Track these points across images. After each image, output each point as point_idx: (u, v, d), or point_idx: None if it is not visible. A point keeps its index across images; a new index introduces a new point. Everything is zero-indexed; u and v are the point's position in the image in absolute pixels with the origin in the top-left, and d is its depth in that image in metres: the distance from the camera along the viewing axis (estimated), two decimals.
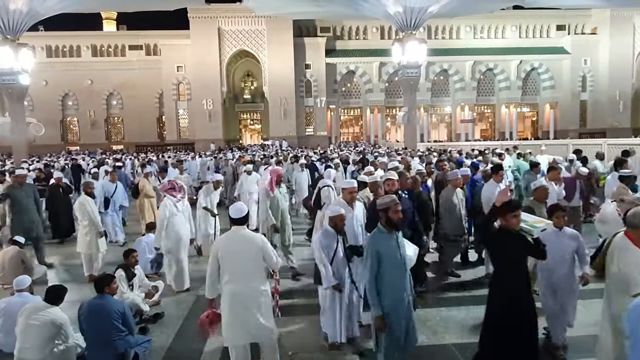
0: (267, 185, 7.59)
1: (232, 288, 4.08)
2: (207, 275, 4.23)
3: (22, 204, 8.41)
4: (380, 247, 3.97)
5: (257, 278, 4.16)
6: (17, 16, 27.14)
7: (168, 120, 49.78)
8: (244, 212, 4.26)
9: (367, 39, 51.17)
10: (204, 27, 45.99)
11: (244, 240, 4.16)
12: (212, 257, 4.16)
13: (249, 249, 4.13)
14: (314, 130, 50.24)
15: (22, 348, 4.53)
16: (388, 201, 4.08)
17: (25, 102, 33.19)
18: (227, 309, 4.12)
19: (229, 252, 4.11)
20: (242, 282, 4.08)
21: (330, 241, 4.83)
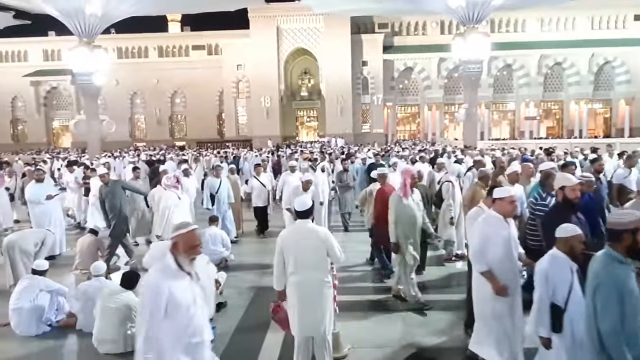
0: (400, 190, 6.03)
1: (297, 280, 4.13)
2: (274, 268, 4.31)
3: (111, 202, 8.17)
4: (624, 284, 3.00)
5: (320, 270, 4.18)
6: (92, 20, 28.97)
7: (227, 117, 51.36)
8: (308, 205, 4.29)
9: (426, 35, 50.06)
10: (264, 26, 46.94)
11: (308, 233, 4.19)
12: (277, 250, 4.23)
13: (312, 241, 4.15)
14: (370, 127, 49.91)
15: (100, 328, 4.87)
16: (635, 219, 3.03)
17: (99, 101, 35.42)
18: (293, 300, 4.18)
19: (292, 245, 4.16)
20: (306, 273, 4.12)
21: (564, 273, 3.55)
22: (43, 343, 5.24)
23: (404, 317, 5.81)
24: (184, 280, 2.99)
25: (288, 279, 4.21)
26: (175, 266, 2.97)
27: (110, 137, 41.17)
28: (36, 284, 5.52)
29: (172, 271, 2.96)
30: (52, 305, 5.55)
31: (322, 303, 4.16)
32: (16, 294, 5.46)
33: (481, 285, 4.20)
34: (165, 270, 2.95)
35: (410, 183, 6.01)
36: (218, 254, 8.12)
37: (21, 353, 5.03)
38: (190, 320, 2.98)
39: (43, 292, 5.51)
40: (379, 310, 6.10)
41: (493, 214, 4.21)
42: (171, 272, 2.95)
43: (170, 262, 2.97)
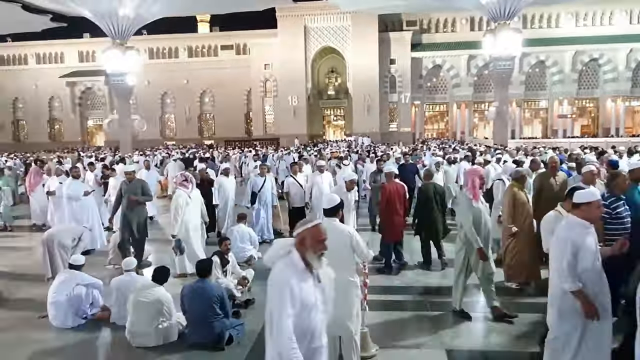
0: (468, 192, 5.54)
1: None
2: None
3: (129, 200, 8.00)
4: None
5: (347, 269, 4.15)
6: (125, 22, 29.70)
7: (255, 116, 51.87)
8: (336, 202, 4.27)
9: (456, 32, 49.30)
10: (291, 25, 47.17)
11: (333, 231, 4.15)
12: None
13: (337, 240, 4.12)
14: (398, 126, 49.53)
15: (133, 322, 5.00)
16: None
17: (131, 101, 36.31)
18: None
19: None
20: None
21: None
22: (78, 335, 5.40)
23: (434, 319, 5.73)
24: (309, 280, 2.76)
25: None
26: (302, 264, 2.76)
27: (142, 136, 42.23)
28: (73, 278, 5.70)
29: (299, 270, 2.74)
30: (87, 298, 5.71)
31: (347, 302, 4.12)
32: (54, 288, 5.65)
33: (566, 305, 3.69)
34: (292, 269, 2.74)
35: (480, 184, 5.52)
36: (246, 252, 8.22)
37: (57, 344, 5.20)
38: (311, 322, 2.75)
39: (79, 286, 5.68)
40: (408, 310, 6.04)
41: (577, 220, 3.68)
42: (298, 270, 2.74)
43: (297, 259, 2.77)
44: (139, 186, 8.12)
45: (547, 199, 6.76)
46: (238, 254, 7.75)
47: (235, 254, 7.36)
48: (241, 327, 5.23)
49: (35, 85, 55.15)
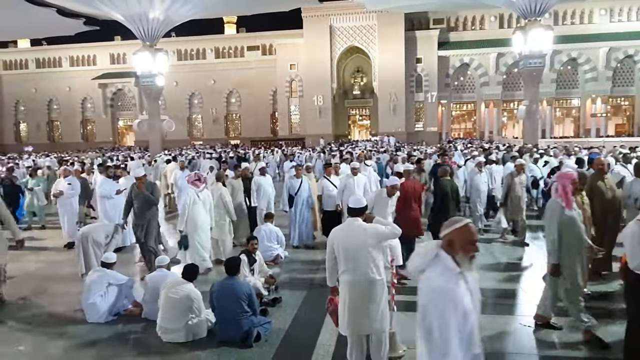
0: (560, 199, 5.01)
1: (348, 278, 4.10)
2: (326, 264, 4.32)
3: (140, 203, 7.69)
4: None
5: (371, 268, 4.13)
6: (154, 24, 30.36)
7: (281, 116, 52.18)
8: (363, 203, 4.26)
9: (484, 29, 48.42)
10: (317, 25, 47.26)
11: (359, 231, 4.15)
12: (328, 248, 4.23)
13: (362, 239, 4.11)
14: (424, 125, 49.01)
15: (163, 317, 5.11)
16: None
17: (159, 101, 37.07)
18: (344, 298, 4.16)
19: (344, 242, 4.13)
20: (357, 272, 4.08)
21: None
22: (111, 329, 5.55)
23: None
24: (462, 283, 2.54)
25: (339, 277, 4.20)
26: (457, 268, 2.53)
27: (170, 136, 43.10)
28: (105, 277, 5.86)
29: (454, 274, 2.51)
30: (120, 296, 5.88)
31: (374, 302, 4.10)
32: (87, 287, 5.81)
33: None
34: (448, 274, 2.51)
35: (573, 189, 5.01)
36: (273, 251, 8.28)
37: (91, 338, 5.35)
38: (470, 328, 2.52)
39: (112, 285, 5.85)
40: None
41: None
42: (454, 275, 2.51)
43: (450, 264, 2.53)
44: (149, 193, 7.65)
45: (600, 203, 6.60)
46: (265, 253, 7.81)
47: (262, 253, 7.44)
48: (269, 325, 5.28)
49: (68, 87, 56.93)
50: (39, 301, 6.64)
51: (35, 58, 58.49)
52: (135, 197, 7.60)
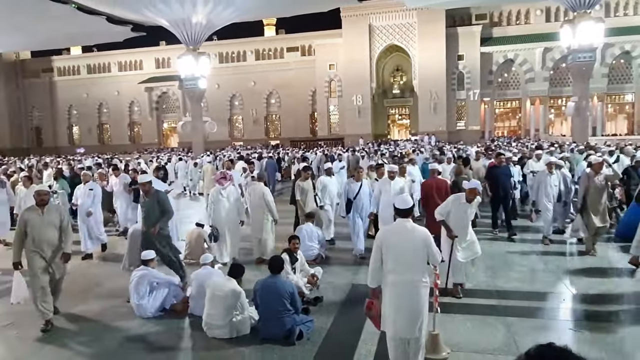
0: None
1: (394, 279, 4.07)
2: (370, 264, 4.31)
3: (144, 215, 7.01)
4: None
5: (419, 270, 4.09)
6: (197, 28, 31.24)
7: (320, 116, 52.37)
8: (410, 203, 4.23)
9: (530, 23, 46.80)
10: (356, 24, 47.13)
11: (408, 232, 4.12)
12: (375, 247, 4.21)
13: (412, 241, 4.08)
14: (466, 124, 47.93)
15: (209, 314, 5.26)
16: None
17: (202, 104, 38.06)
18: (388, 300, 4.13)
19: (392, 243, 4.11)
20: (403, 273, 4.05)
21: None
22: (159, 324, 5.75)
23: (508, 322, 5.49)
24: None
25: (384, 278, 4.16)
26: None
27: (212, 137, 44.13)
28: (146, 277, 6.09)
29: None
30: (169, 294, 6.11)
31: (417, 304, 4.06)
32: (134, 285, 6.05)
33: None
34: None
35: None
36: (313, 250, 8.32)
37: (141, 332, 5.56)
38: None
39: (158, 285, 6.09)
40: (482, 313, 5.82)
41: None
42: None
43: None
44: (155, 201, 6.87)
45: None
46: (306, 252, 7.86)
47: (303, 252, 7.49)
48: (311, 323, 5.31)
49: (117, 92, 59.39)
50: (90, 298, 6.96)
51: (87, 64, 61.37)
52: (143, 204, 7.04)
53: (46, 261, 5.69)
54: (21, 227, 5.70)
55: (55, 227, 5.77)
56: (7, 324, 5.89)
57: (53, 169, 16.76)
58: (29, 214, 5.78)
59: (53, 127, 62.99)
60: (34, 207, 5.84)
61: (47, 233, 5.69)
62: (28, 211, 5.87)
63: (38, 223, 5.67)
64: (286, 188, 20.93)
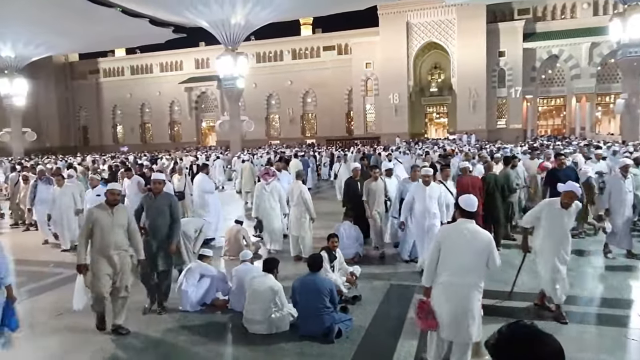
0: None
1: (449, 280, 3.97)
2: (426, 263, 4.23)
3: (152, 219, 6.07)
4: None
5: (477, 274, 3.98)
6: (236, 29, 31.77)
7: (356, 115, 52.18)
8: (475, 205, 4.12)
9: (576, 17, 44.96)
10: (393, 22, 46.67)
11: (472, 234, 4.01)
12: (434, 246, 4.13)
13: (475, 243, 3.96)
14: (507, 122, 46.57)
15: (249, 309, 5.33)
16: None
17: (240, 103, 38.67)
18: (440, 301, 4.04)
19: (452, 243, 4.01)
20: (460, 275, 3.94)
21: None
22: (201, 318, 5.87)
23: (554, 329, 5.28)
24: None
25: (439, 278, 4.07)
26: None
27: (249, 136, 44.73)
28: (198, 268, 6.23)
29: None
30: (212, 288, 6.22)
31: (472, 308, 3.95)
32: (182, 277, 6.21)
33: None
34: None
35: None
36: (351, 249, 8.29)
37: (184, 324, 5.70)
38: None
39: (205, 277, 6.21)
40: (525, 318, 5.62)
41: None
42: None
43: None
44: (167, 204, 6.05)
45: None
46: (344, 251, 7.83)
47: (342, 251, 7.47)
48: (350, 322, 5.29)
49: (159, 92, 61.19)
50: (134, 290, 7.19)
51: (130, 65, 63.54)
52: (149, 207, 6.05)
53: (112, 267, 5.26)
54: (89, 226, 5.24)
55: (124, 229, 5.36)
56: (57, 314, 6.15)
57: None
58: (99, 212, 5.30)
59: (99, 126, 65.60)
60: (104, 205, 5.37)
61: (116, 235, 5.27)
62: (97, 209, 5.36)
63: (107, 223, 5.24)
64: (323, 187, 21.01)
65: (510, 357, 1.46)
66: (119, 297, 5.38)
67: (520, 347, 1.45)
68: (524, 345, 1.45)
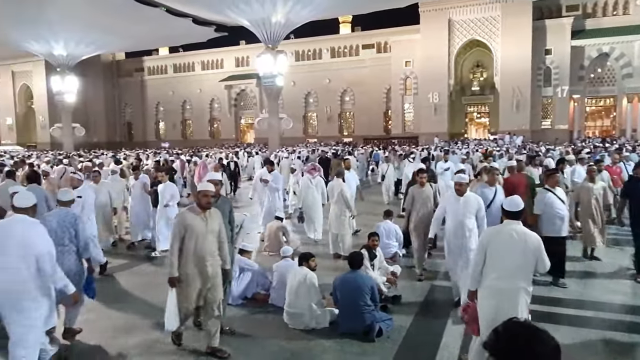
0: None
1: (496, 283, 3.86)
2: (471, 265, 4.14)
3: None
4: None
5: (525, 277, 3.86)
6: (276, 28, 32.03)
7: (394, 114, 51.67)
8: (520, 205, 4.00)
9: (629, 14, 42.83)
10: (434, 19, 45.89)
11: (519, 235, 3.88)
12: (480, 248, 4.02)
13: (523, 245, 3.83)
14: (552, 123, 44.93)
15: (289, 304, 5.37)
16: None
17: (278, 101, 39.00)
18: (486, 304, 3.93)
19: (499, 245, 3.90)
20: (507, 278, 3.82)
21: None
22: (243, 311, 5.95)
23: (606, 338, 5.05)
24: None
25: (485, 281, 3.95)
26: None
27: (287, 134, 45.03)
28: (239, 262, 6.33)
29: None
30: (252, 282, 6.32)
31: (518, 312, 3.82)
32: None
33: None
34: None
35: None
36: (391, 248, 8.20)
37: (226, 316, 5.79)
38: None
39: (246, 271, 6.31)
40: (576, 324, 5.41)
41: None
42: None
43: None
44: (228, 208, 5.45)
45: None
46: (383, 250, 7.76)
47: (381, 250, 7.41)
48: (390, 321, 5.23)
49: (199, 90, 62.65)
50: None
51: (173, 64, 65.35)
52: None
53: (203, 280, 4.57)
54: (182, 233, 4.50)
55: (216, 235, 4.66)
56: None
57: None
58: (193, 217, 4.53)
59: (142, 122, 67.85)
60: (195, 208, 4.57)
61: (210, 243, 4.59)
62: (189, 213, 4.57)
63: (202, 230, 4.51)
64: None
65: (509, 356, 1.47)
66: (213, 316, 4.67)
67: (518, 345, 1.47)
68: (522, 343, 1.47)
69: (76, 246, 4.90)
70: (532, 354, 1.45)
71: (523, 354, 1.46)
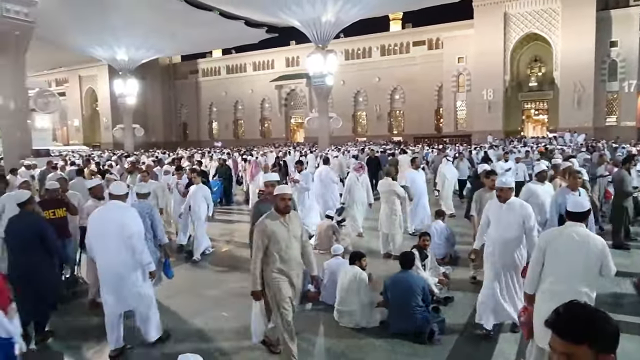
0: None
1: (555, 287, 3.70)
2: (529, 269, 4.00)
3: None
4: None
5: (587, 281, 3.67)
6: (326, 27, 32.21)
7: (446, 112, 50.45)
8: (585, 207, 3.82)
9: None
10: (489, 13, 44.37)
11: (582, 237, 3.70)
12: (538, 251, 3.88)
13: (586, 248, 3.65)
14: (617, 120, 42.25)
15: (339, 302, 5.42)
16: None
17: (328, 100, 39.16)
18: (543, 310, 3.78)
19: (560, 248, 3.74)
20: (568, 282, 3.66)
21: None
22: None
23: None
24: None
25: (542, 284, 3.81)
26: None
27: (336, 132, 45.21)
28: None
29: None
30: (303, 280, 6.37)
31: None
32: None
33: None
34: None
35: None
36: (442, 248, 8.06)
37: None
38: None
39: None
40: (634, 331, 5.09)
41: None
42: None
43: None
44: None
45: None
46: (435, 250, 7.65)
47: (433, 250, 7.29)
48: (442, 323, 5.15)
49: (251, 90, 64.04)
50: (229, 277, 7.61)
51: (226, 65, 67.19)
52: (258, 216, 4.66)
53: (292, 289, 4.34)
54: (264, 241, 4.17)
55: (299, 240, 4.37)
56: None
57: None
58: (273, 223, 4.19)
59: (197, 122, 70.26)
60: (275, 214, 4.24)
61: (294, 250, 4.30)
62: (270, 221, 4.21)
63: (285, 237, 4.21)
64: None
65: (569, 334, 1.50)
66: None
67: (578, 325, 1.51)
68: (581, 324, 1.51)
69: (152, 233, 5.67)
70: (592, 334, 1.48)
71: (582, 334, 1.49)
